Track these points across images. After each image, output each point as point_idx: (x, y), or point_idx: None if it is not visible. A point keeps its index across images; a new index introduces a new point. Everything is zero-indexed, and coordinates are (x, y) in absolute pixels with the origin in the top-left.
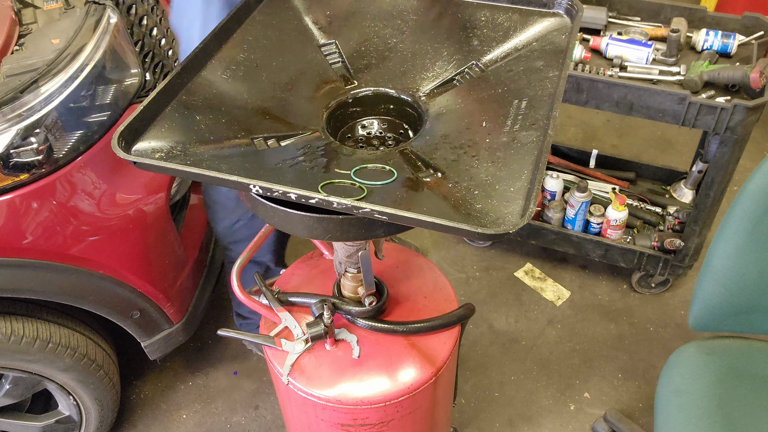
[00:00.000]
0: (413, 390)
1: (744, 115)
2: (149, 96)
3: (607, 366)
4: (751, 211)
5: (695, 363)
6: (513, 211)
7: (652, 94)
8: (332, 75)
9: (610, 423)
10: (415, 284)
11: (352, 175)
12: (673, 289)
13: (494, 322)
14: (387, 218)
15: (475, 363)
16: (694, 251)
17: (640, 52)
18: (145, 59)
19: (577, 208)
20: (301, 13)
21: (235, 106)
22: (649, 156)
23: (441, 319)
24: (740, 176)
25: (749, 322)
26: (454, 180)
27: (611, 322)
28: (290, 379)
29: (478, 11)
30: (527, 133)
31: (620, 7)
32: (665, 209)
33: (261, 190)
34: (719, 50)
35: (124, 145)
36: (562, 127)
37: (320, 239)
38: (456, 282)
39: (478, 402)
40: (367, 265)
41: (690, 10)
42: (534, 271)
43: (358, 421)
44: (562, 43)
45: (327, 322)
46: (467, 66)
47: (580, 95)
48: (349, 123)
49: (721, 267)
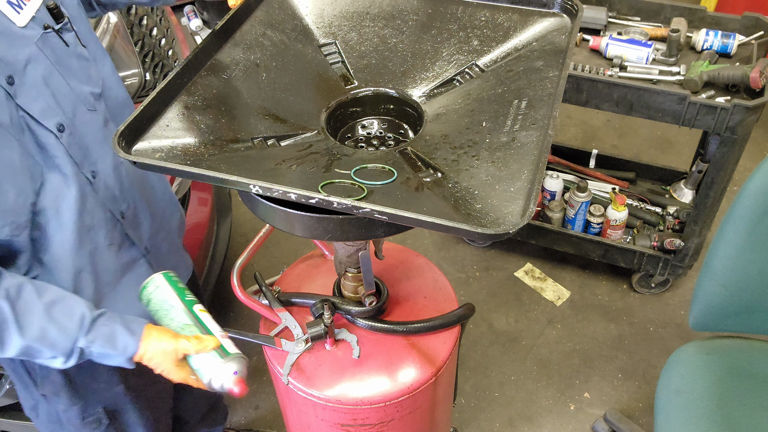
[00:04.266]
0: (413, 390)
1: (744, 115)
2: (149, 96)
3: (607, 366)
4: (751, 211)
5: (695, 363)
6: (513, 211)
7: (652, 94)
8: (332, 75)
9: (610, 423)
10: (415, 284)
11: (353, 175)
12: (673, 289)
13: (494, 322)
14: (387, 218)
15: (475, 363)
16: (694, 251)
17: (640, 52)
18: (145, 59)
19: (577, 208)
20: (301, 13)
21: (235, 106)
22: (649, 156)
23: (441, 319)
24: (740, 176)
25: (749, 322)
26: (454, 180)
27: (611, 322)
28: (290, 379)
29: (478, 11)
30: (527, 133)
31: (620, 7)
32: (665, 209)
33: (261, 190)
34: (719, 50)
35: (124, 145)
36: (562, 127)
37: (320, 239)
38: (456, 282)
39: (478, 402)
40: (367, 265)
41: (690, 10)
42: (534, 271)
43: (358, 421)
44: (562, 43)
45: (327, 322)
46: (467, 66)
47: (580, 95)
48: (349, 123)
49: (721, 267)
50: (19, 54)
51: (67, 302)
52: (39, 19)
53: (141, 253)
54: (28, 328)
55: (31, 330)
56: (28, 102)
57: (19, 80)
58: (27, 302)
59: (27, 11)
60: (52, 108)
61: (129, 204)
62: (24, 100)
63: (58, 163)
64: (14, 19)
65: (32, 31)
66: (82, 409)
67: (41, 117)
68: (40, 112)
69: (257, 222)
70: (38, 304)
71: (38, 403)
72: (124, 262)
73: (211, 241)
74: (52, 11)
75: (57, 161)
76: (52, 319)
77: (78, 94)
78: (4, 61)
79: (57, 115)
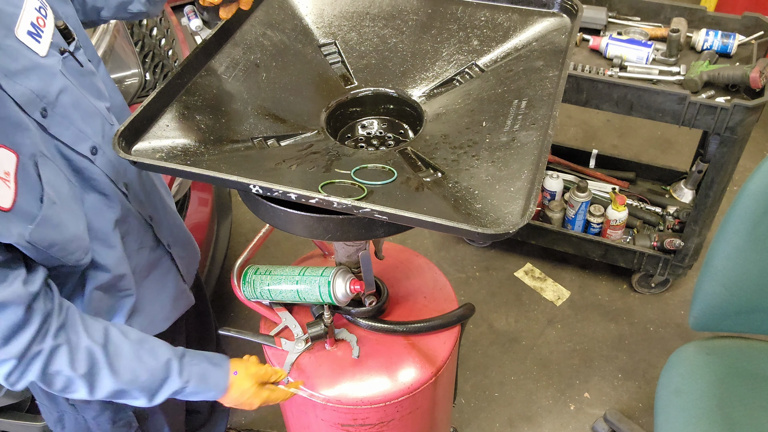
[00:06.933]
0: (413, 390)
1: (744, 115)
2: (149, 96)
3: (607, 366)
4: (751, 211)
5: (695, 363)
6: (513, 211)
7: (652, 94)
8: (332, 75)
9: (610, 423)
10: (415, 284)
11: (353, 175)
12: (673, 289)
13: (494, 322)
14: (387, 218)
15: (475, 363)
16: (694, 251)
17: (640, 52)
18: (145, 59)
19: (577, 208)
20: (301, 13)
21: (235, 106)
22: (649, 156)
23: (441, 319)
24: (740, 176)
25: (749, 322)
26: (454, 180)
27: (611, 322)
28: (290, 379)
29: (478, 11)
30: (527, 133)
31: (620, 7)
32: (665, 209)
33: (261, 190)
34: (719, 50)
35: (124, 145)
36: (562, 127)
37: (320, 239)
38: (456, 282)
39: (478, 402)
40: (367, 265)
41: (690, 10)
42: (534, 271)
43: (358, 421)
44: (562, 43)
45: (327, 322)
46: (467, 66)
47: (580, 95)
48: (349, 123)
49: (721, 267)
50: (53, 86)
51: (150, 343)
52: (55, 44)
53: (166, 250)
54: (121, 371)
55: (123, 373)
56: (61, 131)
57: (51, 111)
58: (116, 345)
59: (45, 39)
60: (83, 132)
61: (153, 206)
62: (57, 130)
63: (95, 184)
64: (37, 50)
65: (53, 59)
66: (114, 413)
67: (74, 143)
68: (73, 139)
69: (257, 222)
70: (127, 347)
71: (64, 415)
72: (153, 259)
73: (211, 241)
74: (62, 31)
75: (93, 183)
76: (141, 361)
77: (100, 112)
78: (40, 96)
79: (88, 139)
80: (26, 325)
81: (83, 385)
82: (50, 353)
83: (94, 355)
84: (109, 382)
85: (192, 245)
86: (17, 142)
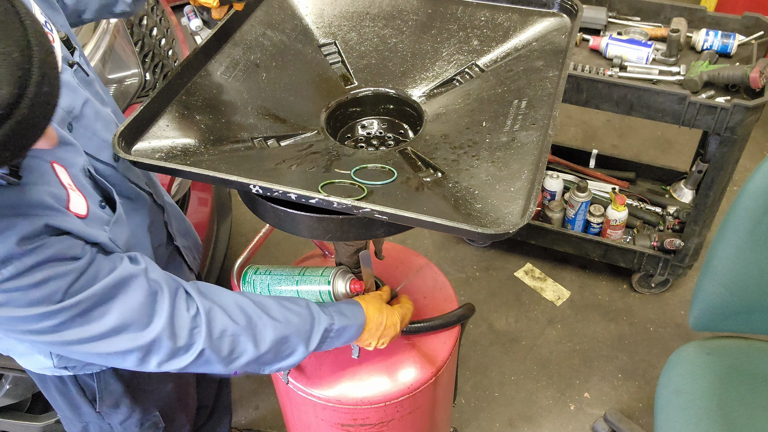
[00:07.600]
0: (413, 390)
1: (744, 115)
2: (149, 96)
3: (607, 366)
4: (751, 211)
5: (695, 363)
6: (513, 211)
7: (652, 94)
8: (332, 75)
9: (610, 423)
10: (415, 284)
11: (353, 175)
12: (673, 289)
13: (494, 322)
14: (387, 218)
15: (475, 363)
16: (694, 251)
17: (640, 52)
18: (145, 59)
19: (577, 208)
20: (301, 13)
21: (235, 106)
22: (649, 156)
23: (441, 319)
24: (740, 176)
25: (749, 322)
26: (454, 180)
27: (611, 322)
28: (290, 379)
29: (478, 11)
30: (527, 133)
31: (620, 7)
32: (665, 209)
33: (261, 190)
34: (719, 50)
35: (124, 145)
36: (562, 127)
37: (320, 239)
38: (456, 282)
39: (478, 402)
40: (367, 265)
41: (690, 10)
42: (534, 271)
43: (358, 421)
44: (562, 42)
45: None
46: (467, 66)
47: (580, 95)
48: (349, 123)
49: (721, 267)
50: (77, 100)
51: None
52: (64, 57)
53: (174, 244)
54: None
55: (278, 317)
56: (85, 142)
57: (76, 124)
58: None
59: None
60: (105, 141)
61: (163, 200)
62: (82, 142)
63: (119, 189)
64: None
65: (66, 73)
66: (141, 415)
67: (97, 153)
68: (96, 149)
69: (257, 222)
70: (265, 297)
71: (89, 425)
72: (167, 256)
73: (211, 241)
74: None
75: (118, 189)
76: (285, 307)
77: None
78: (68, 111)
79: (110, 147)
80: (158, 296)
81: (248, 339)
82: (207, 315)
83: (246, 307)
84: (269, 330)
85: (192, 234)
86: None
